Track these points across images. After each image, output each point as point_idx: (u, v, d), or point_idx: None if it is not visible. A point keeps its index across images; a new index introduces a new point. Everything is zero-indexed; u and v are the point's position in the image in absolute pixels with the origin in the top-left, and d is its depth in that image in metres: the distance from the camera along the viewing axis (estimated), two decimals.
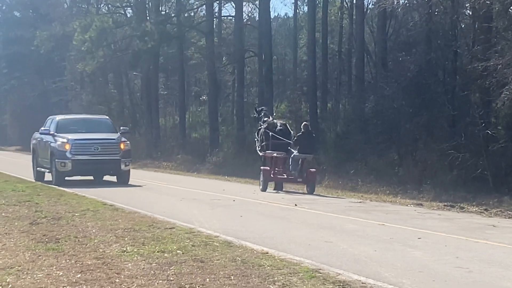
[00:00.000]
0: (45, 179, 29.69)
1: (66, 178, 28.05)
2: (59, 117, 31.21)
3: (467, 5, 32.80)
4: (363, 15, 42.15)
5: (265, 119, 29.27)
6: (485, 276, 10.42)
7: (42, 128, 29.92)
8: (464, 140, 28.25)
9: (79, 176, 28.97)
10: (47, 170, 29.28)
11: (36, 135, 32.27)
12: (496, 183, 26.08)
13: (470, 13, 32.28)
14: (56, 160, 27.34)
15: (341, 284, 9.51)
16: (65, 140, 27.52)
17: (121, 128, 31.02)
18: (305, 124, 28.13)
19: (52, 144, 28.10)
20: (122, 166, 28.15)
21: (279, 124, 28.23)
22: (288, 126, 29.57)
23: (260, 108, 31.79)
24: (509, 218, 19.03)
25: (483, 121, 27.76)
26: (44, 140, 29.72)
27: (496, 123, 29.41)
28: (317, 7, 46.58)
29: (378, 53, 40.91)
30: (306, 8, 53.17)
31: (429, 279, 10.06)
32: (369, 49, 44.80)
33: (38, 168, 30.80)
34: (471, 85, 29.68)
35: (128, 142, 29.07)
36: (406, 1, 36.72)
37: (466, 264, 11.23)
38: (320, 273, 10.26)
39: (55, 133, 28.48)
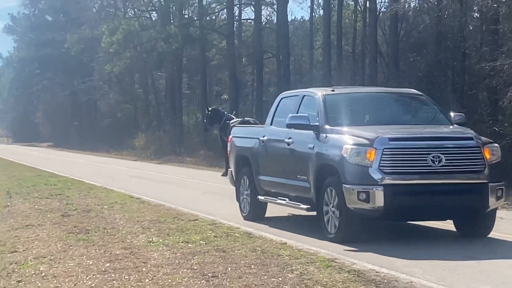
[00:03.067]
0: (269, 214, 16.16)
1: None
2: (321, 93, 14.29)
3: (475, 8, 32.67)
4: (376, 18, 42.04)
5: (229, 115, 31.22)
6: (493, 266, 10.37)
7: (291, 116, 13.89)
8: None
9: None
10: (292, 203, 14.48)
11: (248, 129, 18.64)
12: (503, 177, 25.91)
13: (478, 15, 32.13)
14: (347, 186, 12.20)
15: (356, 273, 9.49)
16: (363, 141, 12.42)
17: (454, 114, 14.92)
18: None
19: (324, 150, 13.06)
20: (492, 201, 12.89)
21: (252, 121, 29.76)
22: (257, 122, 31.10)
23: (212, 108, 33.72)
24: None
25: (491, 118, 27.63)
26: (287, 139, 14.17)
27: (503, 120, 29.23)
28: (332, 11, 46.46)
29: (390, 54, 40.75)
30: (321, 12, 53.12)
31: (440, 269, 10.02)
32: (381, 50, 44.65)
33: (261, 197, 15.35)
34: (479, 84, 29.57)
35: (495, 146, 13.54)
36: (416, 5, 36.59)
37: (475, 255, 11.17)
38: (336, 262, 10.24)
39: (327, 126, 13.26)
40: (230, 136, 17.41)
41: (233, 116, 31.39)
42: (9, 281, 9.58)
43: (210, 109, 32.83)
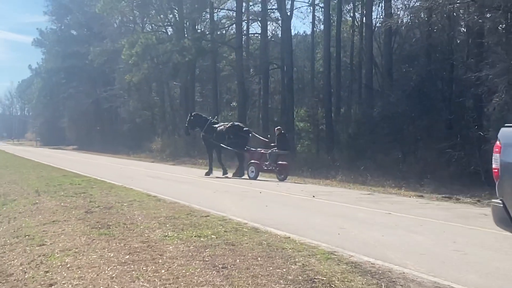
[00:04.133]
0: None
1: None
2: None
3: (462, 23, 32.73)
4: (372, 32, 42.09)
5: (212, 120, 32.33)
6: (478, 258, 10.35)
7: None
8: (459, 141, 28.14)
9: None
10: None
11: None
12: (488, 178, 25.88)
13: (465, 30, 32.18)
14: None
15: (353, 265, 9.48)
16: None
17: None
18: (278, 128, 30.69)
19: None
20: None
21: (241, 125, 31.88)
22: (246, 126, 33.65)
23: (194, 113, 34.20)
24: None
25: (476, 124, 27.68)
26: None
27: (488, 125, 29.25)
28: (332, 26, 46.50)
29: (384, 65, 40.81)
30: (322, 27, 53.09)
31: (430, 261, 10.01)
32: (376, 61, 44.68)
33: None
34: (465, 92, 29.62)
35: None
36: (408, 20, 36.64)
37: (462, 248, 11.16)
38: (335, 255, 10.23)
39: None
40: (498, 143, 9.42)
41: (216, 121, 32.19)
42: (38, 272, 9.60)
43: (192, 114, 33.08)
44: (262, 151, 29.79)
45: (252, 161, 29.40)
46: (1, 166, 38.61)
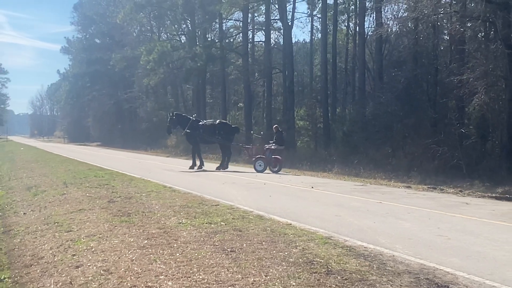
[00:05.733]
0: None
1: None
2: None
3: (445, 32, 32.67)
4: (364, 40, 42.02)
5: (194, 118, 31.51)
6: (460, 243, 10.34)
7: None
8: (443, 137, 28.07)
9: None
10: None
11: None
12: (469, 170, 25.89)
13: (448, 38, 32.10)
14: None
15: (348, 248, 9.49)
16: None
17: None
18: (276, 126, 31.23)
19: None
20: None
21: (229, 122, 31.02)
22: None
23: (175, 112, 33.68)
24: (478, 197, 18.86)
25: (458, 122, 27.64)
26: None
27: (468, 123, 29.20)
28: (328, 34, 46.45)
29: (376, 69, 40.73)
30: (319, 35, 53.08)
31: (417, 245, 10.00)
32: (368, 66, 44.61)
33: None
34: (448, 94, 29.55)
35: None
36: (397, 29, 36.58)
37: (445, 233, 11.14)
38: (332, 239, 10.23)
39: None
40: None
41: (198, 119, 32.20)
42: (66, 255, 9.62)
43: (174, 113, 32.72)
44: (267, 146, 29.86)
45: (260, 155, 29.43)
46: (33, 161, 38.69)
